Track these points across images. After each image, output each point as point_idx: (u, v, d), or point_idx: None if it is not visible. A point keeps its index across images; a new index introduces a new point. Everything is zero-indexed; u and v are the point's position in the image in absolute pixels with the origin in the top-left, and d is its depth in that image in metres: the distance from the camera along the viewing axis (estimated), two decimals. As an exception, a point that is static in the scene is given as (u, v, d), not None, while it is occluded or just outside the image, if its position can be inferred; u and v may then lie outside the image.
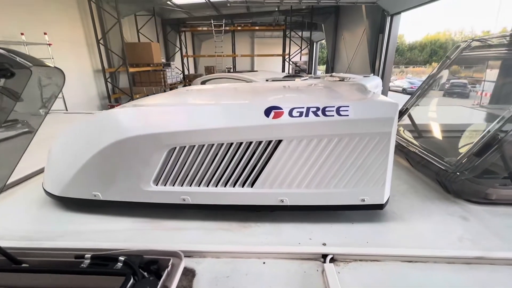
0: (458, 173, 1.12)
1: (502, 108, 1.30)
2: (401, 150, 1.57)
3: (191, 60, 18.50)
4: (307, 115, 0.92)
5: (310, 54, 18.77)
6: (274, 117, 0.93)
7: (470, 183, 1.12)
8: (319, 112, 0.91)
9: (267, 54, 17.47)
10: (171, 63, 14.25)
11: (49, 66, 0.59)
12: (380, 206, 0.99)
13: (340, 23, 15.51)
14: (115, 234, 0.99)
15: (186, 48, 17.01)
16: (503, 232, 0.95)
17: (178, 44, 16.24)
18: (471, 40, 1.52)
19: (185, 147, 0.97)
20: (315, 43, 23.21)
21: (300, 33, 15.91)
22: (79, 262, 0.73)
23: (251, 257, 0.84)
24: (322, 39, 20.05)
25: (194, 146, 0.97)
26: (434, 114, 1.82)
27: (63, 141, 1.17)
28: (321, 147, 0.93)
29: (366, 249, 0.84)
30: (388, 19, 11.51)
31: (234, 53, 17.13)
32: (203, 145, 0.97)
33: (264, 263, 0.83)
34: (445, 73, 1.65)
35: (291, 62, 16.15)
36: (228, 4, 11.76)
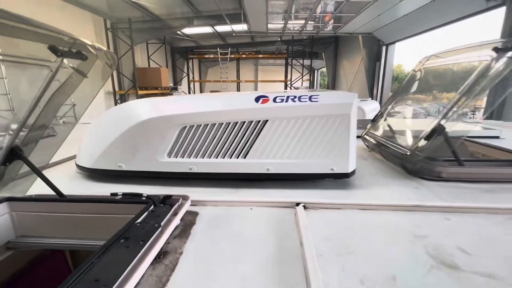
0: (413, 155, 1.38)
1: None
2: (377, 146, 1.83)
3: (197, 84, 19.39)
4: (287, 101, 1.21)
5: (312, 80, 19.65)
6: (262, 103, 1.22)
7: (423, 163, 1.37)
8: (296, 99, 1.21)
9: (270, 80, 18.30)
10: (178, 87, 15.00)
11: (108, 50, 0.91)
12: (346, 175, 1.24)
13: (340, 52, 16.42)
14: (135, 194, 1.24)
15: (193, 73, 17.96)
16: (444, 195, 1.19)
17: (185, 70, 17.19)
18: (430, 56, 1.86)
19: (193, 126, 1.26)
20: (316, 71, 24.30)
21: (301, 61, 16.83)
22: (113, 197, 0.98)
23: (241, 205, 1.09)
24: (323, 67, 21.00)
25: (200, 125, 1.26)
26: (409, 121, 2.10)
27: (95, 126, 1.47)
28: (297, 125, 1.21)
29: (330, 200, 1.08)
30: (384, 48, 12.24)
31: (239, 79, 17.98)
32: (207, 124, 1.25)
33: (251, 209, 1.07)
34: (415, 80, 1.96)
35: (292, 87, 16.86)
36: (234, 34, 12.67)
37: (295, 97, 1.21)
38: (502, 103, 6.14)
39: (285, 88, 16.38)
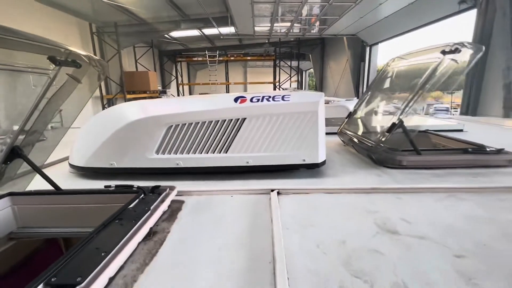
0: (377, 146, 1.55)
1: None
2: (351, 141, 2.00)
3: (186, 87, 19.39)
4: (262, 100, 1.36)
5: (300, 81, 19.98)
6: (240, 102, 1.36)
7: (386, 153, 1.55)
8: (270, 99, 1.36)
9: (259, 81, 18.49)
10: (167, 90, 15.00)
11: (99, 59, 1.03)
12: (317, 165, 1.40)
13: (326, 53, 16.80)
14: (126, 189, 1.35)
15: (181, 76, 17.96)
16: (401, 180, 1.36)
17: (174, 73, 17.18)
18: (395, 57, 2.05)
19: (179, 124, 1.39)
20: (304, 72, 24.70)
21: (289, 63, 17.12)
22: (107, 189, 1.10)
23: (224, 193, 1.22)
24: (311, 68, 21.35)
25: (185, 124, 1.39)
26: (377, 116, 2.29)
27: (87, 128, 1.57)
28: (272, 122, 1.36)
29: (301, 186, 1.23)
30: (368, 49, 12.63)
31: (228, 81, 18.10)
32: (192, 123, 1.39)
33: (231, 196, 1.20)
34: (382, 80, 2.15)
35: (281, 89, 17.10)
36: (221, 37, 12.80)
37: (269, 97, 1.36)
38: (476, 100, 6.50)
39: (274, 89, 16.61)
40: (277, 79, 16.53)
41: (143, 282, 0.69)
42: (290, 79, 17.50)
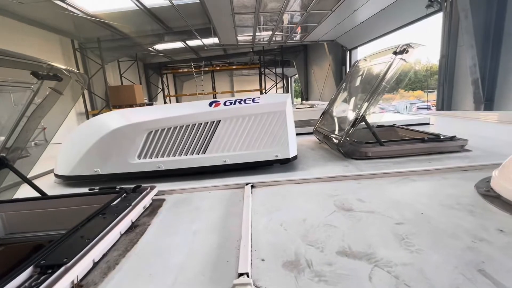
0: (344, 140, 1.69)
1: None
2: (324, 138, 2.15)
3: (173, 99, 19.40)
4: (234, 104, 1.48)
5: (286, 87, 20.39)
6: (214, 106, 1.48)
7: (352, 146, 1.69)
8: (242, 102, 1.48)
9: (246, 89, 18.73)
10: (154, 102, 14.99)
11: (79, 72, 1.13)
12: (288, 160, 1.53)
13: (309, 59, 17.29)
14: (111, 193, 1.43)
15: (168, 88, 18.00)
16: (365, 168, 1.50)
17: (160, 85, 17.21)
18: (358, 60, 2.23)
19: (158, 130, 1.49)
20: (289, 78, 25.20)
21: (274, 70, 17.49)
22: (91, 191, 1.18)
23: (202, 190, 1.32)
24: (296, 74, 21.81)
25: (165, 129, 1.49)
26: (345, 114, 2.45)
27: (71, 138, 1.65)
28: (245, 122, 1.48)
29: (273, 178, 1.35)
30: (348, 53, 13.12)
31: (215, 91, 18.25)
32: (171, 128, 1.49)
33: (209, 192, 1.31)
34: (349, 80, 2.32)
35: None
36: (206, 48, 13.01)
37: (241, 100, 1.49)
38: (449, 96, 6.89)
39: (260, 96, 16.89)
40: (263, 86, 16.81)
41: (124, 264, 0.78)
42: (276, 85, 17.83)
